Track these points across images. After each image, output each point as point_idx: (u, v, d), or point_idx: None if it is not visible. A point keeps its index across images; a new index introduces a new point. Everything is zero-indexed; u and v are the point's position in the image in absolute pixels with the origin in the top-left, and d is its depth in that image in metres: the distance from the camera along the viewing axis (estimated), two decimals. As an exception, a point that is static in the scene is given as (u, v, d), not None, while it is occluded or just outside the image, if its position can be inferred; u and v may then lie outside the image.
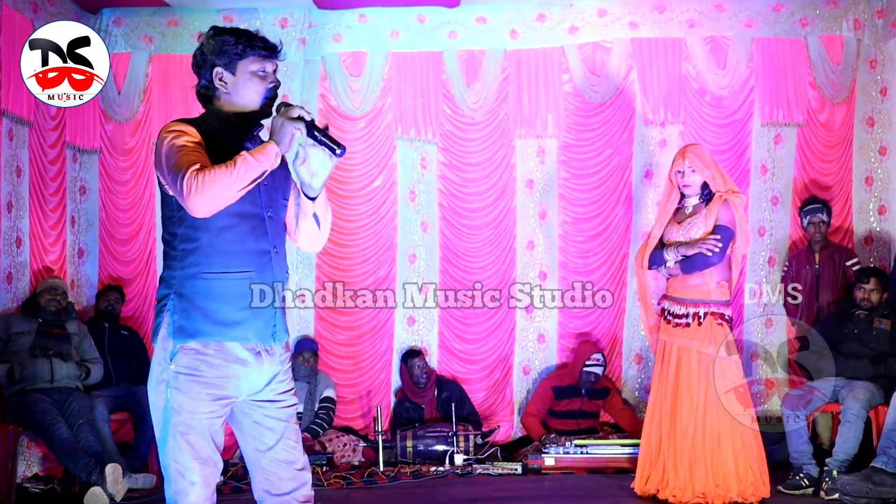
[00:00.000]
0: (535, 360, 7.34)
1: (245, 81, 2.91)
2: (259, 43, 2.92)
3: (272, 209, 2.90)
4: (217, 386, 2.79)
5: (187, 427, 2.77)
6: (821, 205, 6.70)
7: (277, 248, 2.91)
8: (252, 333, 2.84)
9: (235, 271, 2.81)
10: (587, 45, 7.29)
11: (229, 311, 2.81)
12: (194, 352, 2.78)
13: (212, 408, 2.78)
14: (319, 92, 7.36)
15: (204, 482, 2.80)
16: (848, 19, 7.16)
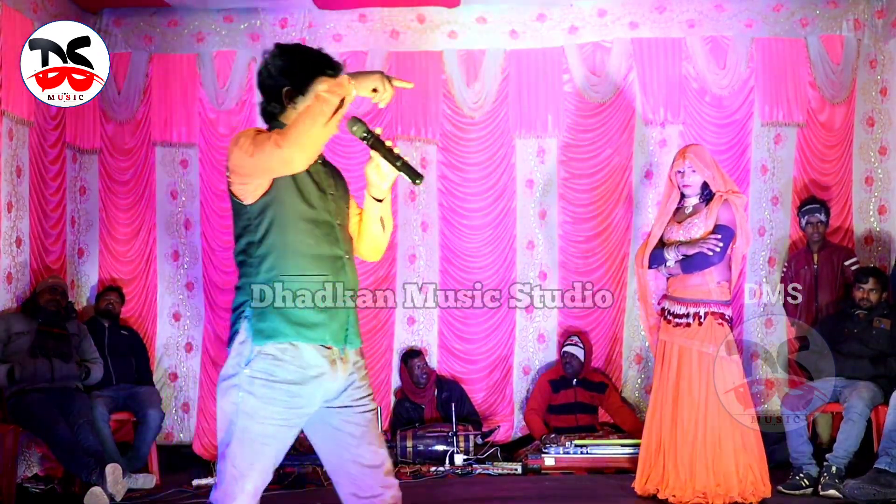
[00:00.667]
0: (535, 359, 7.34)
1: None
2: (327, 61, 2.95)
3: (341, 218, 2.97)
4: (292, 393, 2.78)
5: (256, 433, 2.76)
6: (819, 205, 6.70)
7: (349, 254, 2.96)
8: (329, 335, 2.84)
9: (312, 274, 2.84)
10: (587, 45, 7.29)
11: (306, 312, 2.82)
12: (271, 357, 2.78)
13: (285, 416, 2.78)
14: (318, 91, 7.34)
15: (255, 492, 2.80)
16: (848, 19, 7.15)
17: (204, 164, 7.29)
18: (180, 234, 7.30)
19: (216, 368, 7.12)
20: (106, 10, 7.22)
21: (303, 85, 2.90)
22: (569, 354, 6.92)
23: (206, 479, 6.12)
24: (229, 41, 7.28)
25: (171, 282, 7.28)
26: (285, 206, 2.83)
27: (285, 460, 6.12)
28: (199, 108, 7.30)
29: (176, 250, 7.29)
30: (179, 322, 7.26)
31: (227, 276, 7.22)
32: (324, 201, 2.90)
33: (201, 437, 7.08)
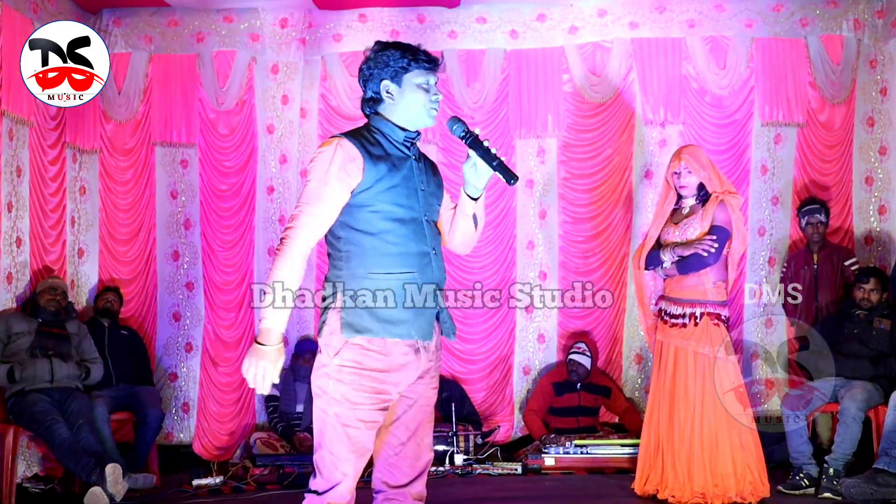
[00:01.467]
0: (535, 359, 7.34)
1: (410, 93, 3.03)
2: (423, 56, 3.05)
3: (429, 213, 3.07)
4: (379, 380, 2.90)
5: (348, 419, 2.88)
6: (818, 205, 6.69)
7: (436, 249, 3.07)
8: (415, 331, 2.95)
9: (399, 272, 2.95)
10: (587, 45, 7.29)
11: (393, 309, 2.93)
12: (359, 347, 2.90)
13: (373, 401, 2.89)
14: (319, 92, 7.36)
15: (355, 475, 2.92)
16: (848, 19, 7.15)
17: (204, 163, 7.29)
18: (180, 233, 7.30)
19: (216, 368, 7.17)
20: (106, 10, 7.23)
21: (398, 77, 3.02)
22: (574, 362, 6.90)
23: (205, 479, 6.12)
24: (229, 41, 7.28)
25: (171, 282, 7.28)
26: (373, 206, 2.94)
27: (285, 460, 6.19)
28: (199, 108, 7.30)
29: (176, 250, 7.30)
30: (179, 322, 7.27)
31: (227, 275, 7.24)
32: (413, 199, 3.01)
33: (201, 437, 7.07)
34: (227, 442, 7.06)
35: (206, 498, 5.82)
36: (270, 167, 7.34)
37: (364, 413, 2.89)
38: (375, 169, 2.93)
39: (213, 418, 7.11)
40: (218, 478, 6.16)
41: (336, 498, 2.90)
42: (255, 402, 7.20)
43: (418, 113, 3.04)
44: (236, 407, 7.14)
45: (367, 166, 2.92)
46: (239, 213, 7.27)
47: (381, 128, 3.05)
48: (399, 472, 3.02)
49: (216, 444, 7.05)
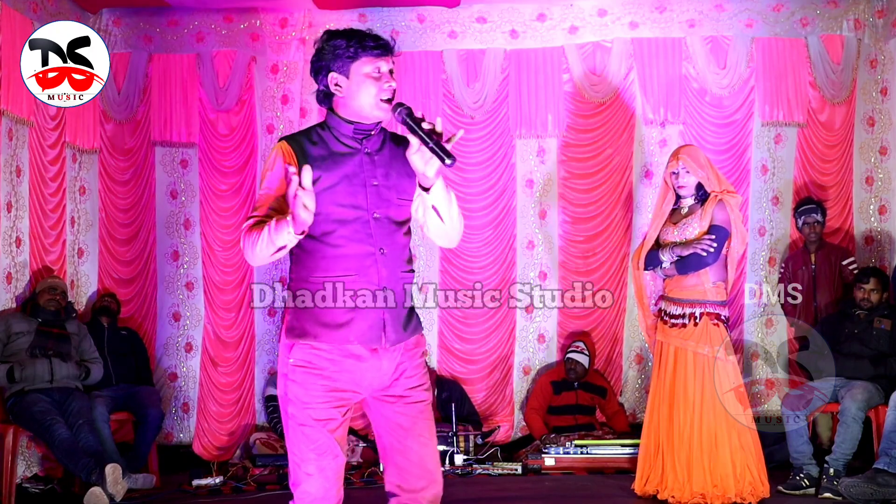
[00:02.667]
0: (535, 359, 7.34)
1: (358, 84, 2.87)
2: (370, 42, 2.88)
3: (381, 209, 2.89)
4: (331, 378, 2.84)
5: (302, 418, 2.83)
6: (815, 205, 6.70)
7: (385, 249, 2.88)
8: (354, 335, 2.85)
9: (336, 275, 2.85)
10: (587, 45, 7.30)
11: (333, 313, 2.85)
12: (308, 346, 2.85)
13: (325, 399, 2.83)
14: (319, 90, 7.34)
15: (320, 473, 2.84)
16: (848, 19, 7.16)
17: (204, 163, 7.30)
18: (180, 233, 7.31)
19: (216, 368, 7.18)
20: (105, 9, 7.23)
21: (345, 67, 2.86)
22: (573, 361, 6.92)
23: (205, 479, 6.13)
24: (229, 41, 7.28)
25: (171, 282, 7.29)
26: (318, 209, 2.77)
27: (285, 461, 6.18)
28: (198, 107, 7.30)
29: (176, 250, 7.30)
30: (179, 322, 7.27)
31: (227, 275, 7.25)
32: (359, 196, 2.86)
33: (201, 437, 7.08)
34: (226, 442, 7.07)
35: (206, 498, 5.83)
36: (270, 167, 7.33)
37: (317, 411, 2.82)
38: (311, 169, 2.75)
39: (213, 418, 7.12)
40: (218, 478, 6.17)
41: (303, 497, 2.84)
42: (255, 403, 7.22)
43: (368, 104, 2.86)
44: (236, 407, 7.15)
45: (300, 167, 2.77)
46: (239, 212, 7.26)
47: (330, 123, 2.93)
48: (409, 474, 2.93)
49: (216, 444, 7.05)
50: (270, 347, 7.28)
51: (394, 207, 2.92)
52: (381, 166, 2.92)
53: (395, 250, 2.91)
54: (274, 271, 7.29)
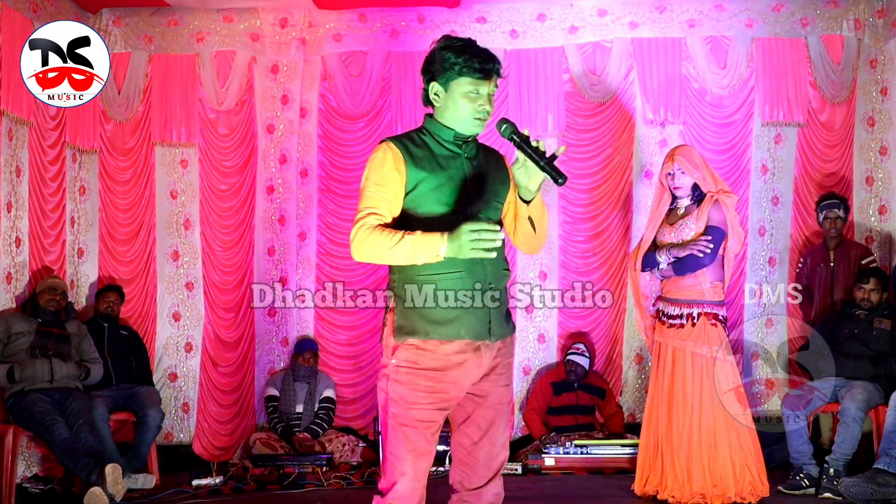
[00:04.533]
0: (535, 359, 7.35)
1: (455, 101, 2.99)
2: (476, 63, 2.96)
3: (483, 211, 2.99)
4: (435, 379, 2.90)
5: (405, 418, 2.90)
6: (838, 200, 6.63)
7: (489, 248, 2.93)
8: (465, 330, 2.93)
9: (445, 272, 2.92)
10: (587, 45, 7.31)
11: (441, 310, 2.92)
12: (414, 347, 2.92)
13: (429, 400, 2.90)
14: (319, 92, 7.38)
15: (415, 475, 2.91)
16: (848, 19, 7.18)
17: (204, 163, 7.30)
18: (180, 233, 7.32)
19: (216, 368, 7.19)
20: (105, 9, 7.24)
21: (446, 81, 2.99)
22: (573, 363, 6.92)
23: (205, 479, 6.14)
24: (229, 41, 7.30)
25: (171, 282, 7.29)
26: (421, 209, 2.94)
27: (285, 461, 6.20)
28: (198, 107, 7.31)
29: (176, 250, 7.31)
30: (179, 322, 7.28)
31: (226, 275, 7.26)
32: (464, 196, 2.96)
33: (201, 438, 7.09)
34: (226, 442, 7.07)
35: (206, 498, 5.83)
36: (270, 167, 7.37)
37: (420, 413, 2.89)
38: (417, 170, 2.94)
39: (213, 418, 7.13)
40: (218, 478, 6.19)
41: (395, 497, 2.90)
42: (255, 402, 7.22)
43: (462, 121, 2.99)
44: (236, 407, 7.16)
45: (409, 168, 2.94)
46: (239, 213, 7.29)
47: (430, 128, 3.05)
48: (473, 472, 3.02)
49: (216, 444, 7.06)
50: (270, 348, 7.29)
51: (493, 209, 3.04)
52: (479, 170, 3.03)
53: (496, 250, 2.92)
54: (274, 271, 7.31)
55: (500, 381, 3.04)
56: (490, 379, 3.01)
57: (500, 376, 3.04)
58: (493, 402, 3.02)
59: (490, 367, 3.00)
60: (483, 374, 2.99)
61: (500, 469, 3.05)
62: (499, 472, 3.05)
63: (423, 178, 2.94)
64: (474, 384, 2.99)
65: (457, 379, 2.93)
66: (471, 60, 2.95)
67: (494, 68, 2.99)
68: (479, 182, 3.01)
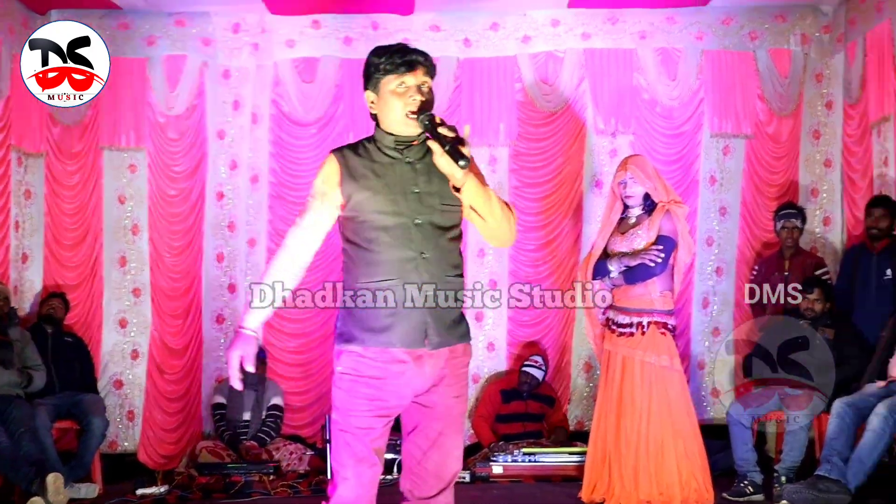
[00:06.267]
0: (484, 368, 7.34)
1: (387, 101, 2.99)
2: (397, 59, 2.96)
3: (423, 215, 2.94)
4: (374, 387, 2.90)
5: (345, 425, 2.91)
6: (796, 210, 6.69)
7: (426, 253, 2.92)
8: (397, 339, 2.90)
9: (378, 279, 2.91)
10: (540, 55, 7.34)
11: (376, 317, 2.90)
12: (356, 354, 2.92)
13: (367, 407, 2.89)
14: (271, 97, 7.33)
15: (357, 480, 2.90)
16: (795, 34, 7.29)
17: (153, 168, 7.22)
18: (128, 239, 7.22)
19: (162, 376, 7.11)
20: (54, 11, 7.12)
21: (376, 84, 3.01)
22: (528, 374, 6.92)
23: (150, 488, 6.06)
24: (180, 45, 7.23)
25: (118, 288, 7.20)
26: (360, 218, 2.94)
27: (231, 469, 6.14)
28: (148, 112, 7.22)
29: (123, 256, 7.21)
30: (125, 329, 7.18)
31: (175, 282, 7.18)
32: (401, 203, 2.93)
33: (146, 446, 7.00)
34: (172, 450, 6.99)
35: (150, 508, 5.77)
36: (220, 173, 7.32)
37: (358, 420, 2.89)
38: (351, 181, 2.94)
39: (159, 426, 7.04)
40: (163, 487, 6.11)
41: (338, 500, 2.90)
42: (202, 410, 7.15)
43: (397, 121, 2.96)
44: (182, 415, 7.08)
45: (344, 180, 2.95)
46: (188, 218, 7.21)
47: (376, 136, 3.05)
48: (423, 482, 2.99)
49: (161, 452, 6.97)
50: (218, 355, 7.21)
51: (437, 213, 2.96)
52: (424, 174, 2.97)
53: (438, 255, 2.95)
54: (223, 278, 7.28)
55: (450, 392, 2.98)
56: (438, 390, 2.96)
57: (449, 387, 2.98)
58: (441, 412, 2.98)
59: (437, 378, 2.95)
60: (431, 383, 2.95)
61: (452, 480, 3.02)
62: (451, 483, 3.02)
63: (358, 189, 2.94)
64: (421, 394, 2.95)
65: (396, 388, 2.91)
66: (392, 56, 2.97)
67: (417, 59, 2.97)
68: (420, 186, 2.96)
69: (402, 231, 2.91)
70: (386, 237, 2.91)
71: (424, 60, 2.99)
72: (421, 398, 2.96)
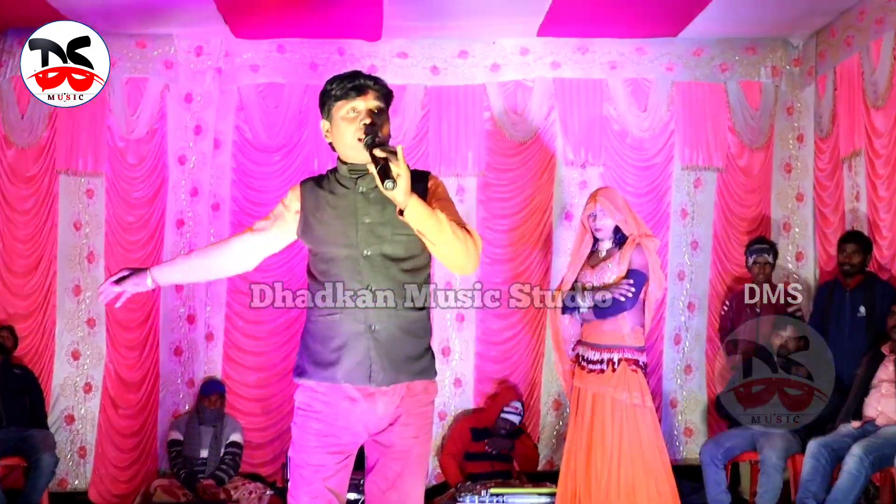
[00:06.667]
0: (451, 404, 7.19)
1: (339, 128, 2.95)
2: (346, 83, 2.93)
3: (372, 246, 2.90)
4: (326, 423, 2.88)
5: (299, 460, 2.92)
6: (767, 245, 6.64)
7: (374, 285, 2.88)
8: (341, 374, 2.86)
9: (326, 313, 2.90)
10: (509, 84, 7.26)
11: (323, 351, 2.90)
12: (310, 389, 2.92)
13: (318, 443, 2.88)
14: (234, 123, 7.18)
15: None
16: (766, 66, 7.26)
17: (111, 194, 7.02)
18: (83, 267, 7.00)
19: (116, 411, 6.88)
20: (11, 30, 6.89)
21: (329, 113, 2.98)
22: (506, 420, 6.71)
23: (101, 528, 5.83)
24: (141, 67, 7.04)
25: (71, 318, 6.95)
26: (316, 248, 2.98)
27: None
28: (107, 135, 7.01)
29: (77, 284, 6.98)
30: (78, 361, 6.93)
31: (131, 312, 6.92)
32: (351, 234, 2.90)
33: (98, 484, 6.75)
34: (125, 489, 6.76)
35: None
36: (181, 199, 7.14)
37: (311, 456, 2.88)
38: (310, 212, 2.96)
39: (112, 464, 6.81)
40: (114, 527, 5.89)
41: None
42: (157, 447, 6.94)
43: (350, 147, 2.91)
44: (136, 452, 6.86)
45: (303, 209, 2.98)
46: (146, 246, 7.03)
47: (336, 165, 3.03)
48: None
49: (114, 491, 6.75)
50: (175, 389, 7.01)
51: (388, 243, 2.91)
52: (377, 203, 2.91)
53: (390, 287, 2.89)
54: (182, 308, 7.09)
55: (406, 432, 2.93)
56: (395, 429, 2.92)
57: (406, 427, 2.92)
58: (398, 453, 2.93)
59: (393, 416, 2.90)
60: (386, 422, 2.91)
61: None
62: None
63: (314, 221, 2.96)
64: (378, 433, 2.92)
65: (347, 425, 2.88)
66: (342, 82, 2.93)
67: (367, 84, 2.92)
68: (373, 216, 2.91)
69: (351, 263, 2.89)
70: (335, 269, 2.90)
71: (374, 84, 2.95)
72: (378, 437, 2.93)
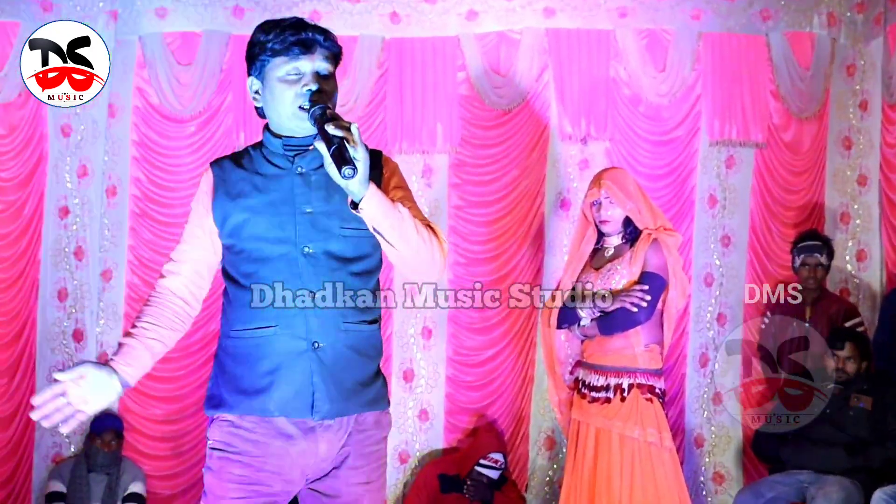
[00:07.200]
0: (415, 442, 7.17)
1: (273, 91, 2.93)
2: (290, 35, 2.89)
3: (315, 243, 2.90)
4: (252, 467, 2.85)
5: None
6: (820, 243, 6.66)
7: (318, 291, 2.88)
8: (275, 405, 2.84)
9: (254, 328, 2.88)
10: (489, 36, 7.22)
11: (249, 376, 2.87)
12: (229, 423, 2.89)
13: (241, 493, 2.84)
14: (135, 84, 7.14)
15: None
16: (820, 13, 7.23)
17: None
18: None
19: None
20: None
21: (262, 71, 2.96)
22: (482, 475, 6.62)
23: None
24: (10, 9, 6.91)
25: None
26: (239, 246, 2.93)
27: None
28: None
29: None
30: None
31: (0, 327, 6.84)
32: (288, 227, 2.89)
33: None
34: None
35: None
36: (65, 182, 7.08)
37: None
38: (225, 200, 2.94)
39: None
40: None
41: None
42: (31, 500, 6.87)
43: (287, 117, 2.90)
44: (4, 504, 6.82)
45: (216, 199, 2.96)
46: (18, 242, 6.93)
47: (263, 139, 3.03)
48: None
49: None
50: (55, 428, 6.82)
51: (335, 239, 2.92)
52: (321, 188, 2.93)
53: (335, 295, 2.89)
54: (66, 322, 7.04)
55: (355, 476, 2.93)
56: (340, 473, 2.92)
57: (355, 471, 2.93)
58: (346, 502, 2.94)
59: (338, 458, 2.91)
60: (330, 465, 2.91)
61: None
62: None
63: (234, 210, 2.93)
64: (319, 478, 2.92)
65: (279, 468, 2.85)
66: (282, 33, 2.89)
67: (315, 38, 2.90)
68: (315, 204, 2.92)
69: (287, 263, 2.88)
70: (267, 271, 2.88)
71: (324, 40, 2.93)
72: (319, 484, 2.93)
